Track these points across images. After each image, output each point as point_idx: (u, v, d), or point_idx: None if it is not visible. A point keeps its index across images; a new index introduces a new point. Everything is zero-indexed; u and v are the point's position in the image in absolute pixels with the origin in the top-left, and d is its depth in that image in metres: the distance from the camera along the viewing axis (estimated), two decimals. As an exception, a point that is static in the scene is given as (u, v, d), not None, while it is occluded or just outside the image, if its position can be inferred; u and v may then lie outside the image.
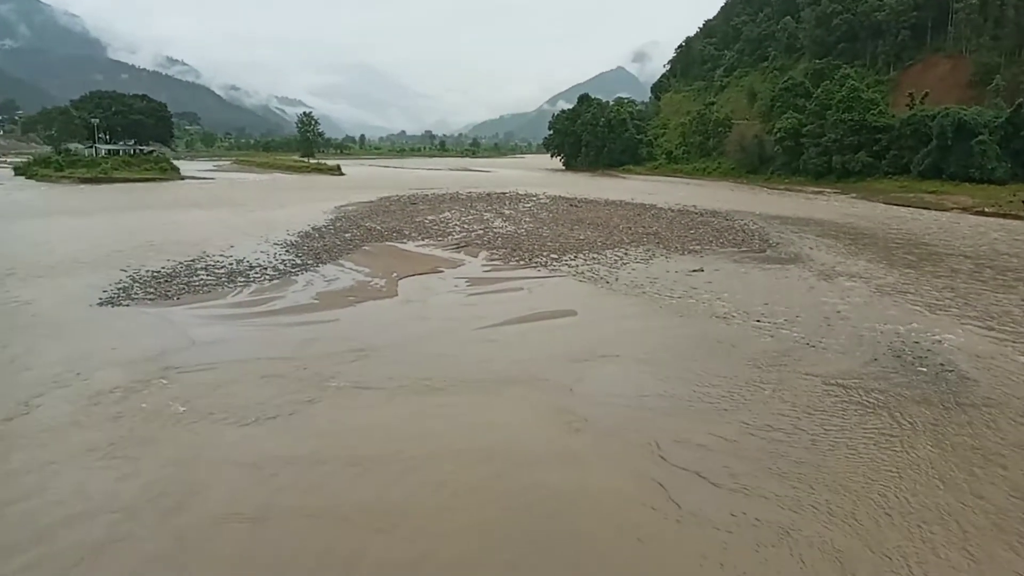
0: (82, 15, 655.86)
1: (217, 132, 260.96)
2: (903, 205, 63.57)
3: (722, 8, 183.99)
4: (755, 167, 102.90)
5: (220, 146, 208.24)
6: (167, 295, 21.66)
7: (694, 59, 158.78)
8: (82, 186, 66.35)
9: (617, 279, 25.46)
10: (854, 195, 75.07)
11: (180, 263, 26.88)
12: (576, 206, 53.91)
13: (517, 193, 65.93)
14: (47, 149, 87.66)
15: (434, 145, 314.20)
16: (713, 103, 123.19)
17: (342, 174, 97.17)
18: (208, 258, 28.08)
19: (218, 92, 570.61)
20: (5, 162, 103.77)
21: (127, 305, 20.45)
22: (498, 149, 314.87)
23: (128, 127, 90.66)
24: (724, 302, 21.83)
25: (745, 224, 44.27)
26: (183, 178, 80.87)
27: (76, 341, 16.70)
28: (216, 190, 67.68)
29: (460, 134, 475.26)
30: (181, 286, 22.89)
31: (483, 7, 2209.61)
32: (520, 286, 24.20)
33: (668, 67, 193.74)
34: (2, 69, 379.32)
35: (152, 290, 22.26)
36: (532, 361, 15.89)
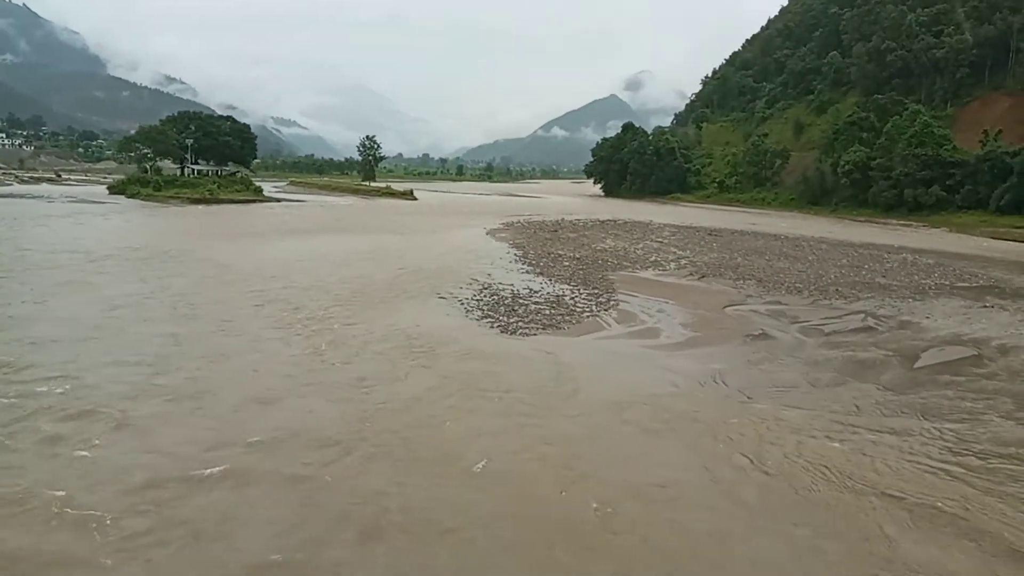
0: (82, 32, 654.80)
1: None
2: (1010, 240, 64.65)
3: (749, 41, 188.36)
4: (816, 198, 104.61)
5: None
6: (547, 324, 21.50)
7: (730, 90, 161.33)
8: (195, 207, 65.76)
9: (928, 317, 25.73)
10: (944, 228, 76.43)
11: (482, 290, 26.78)
12: (716, 235, 54.59)
13: (629, 220, 66.48)
14: (132, 168, 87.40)
15: (445, 169, 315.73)
16: (767, 134, 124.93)
17: (415, 199, 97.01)
18: (497, 287, 27.87)
19: (216, 111, 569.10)
20: (70, 180, 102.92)
21: (533, 334, 20.31)
22: (511, 174, 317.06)
23: (215, 148, 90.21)
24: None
25: (914, 259, 44.85)
26: (278, 200, 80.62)
27: (576, 374, 16.44)
28: (332, 214, 66.92)
29: (457, 158, 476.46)
30: (535, 315, 22.74)
31: (477, 33, 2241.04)
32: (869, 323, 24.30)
33: (692, 97, 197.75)
34: (4, 83, 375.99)
35: (514, 319, 22.07)
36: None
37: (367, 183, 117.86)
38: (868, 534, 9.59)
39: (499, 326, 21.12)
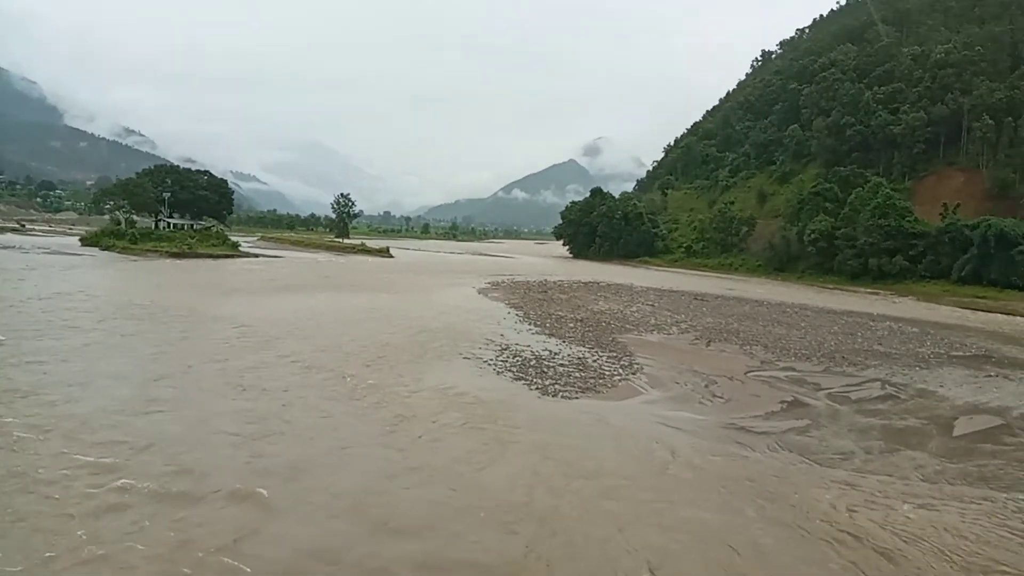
0: (39, 82, 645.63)
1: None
2: (976, 309, 66.94)
3: (710, 112, 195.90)
4: (783, 265, 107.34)
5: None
6: (583, 388, 21.38)
7: (694, 159, 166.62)
8: (174, 260, 64.48)
9: (943, 386, 26.38)
10: (911, 297, 78.80)
11: (502, 351, 26.64)
12: (702, 300, 55.36)
13: (612, 283, 67.25)
14: (96, 219, 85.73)
15: (409, 227, 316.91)
16: (732, 202, 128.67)
17: (392, 256, 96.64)
18: (516, 348, 27.74)
19: (176, 164, 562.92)
20: (34, 230, 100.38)
21: (575, 398, 20.17)
22: (475, 234, 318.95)
23: (191, 202, 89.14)
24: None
25: (900, 328, 45.96)
26: (255, 256, 79.40)
27: (652, 447, 16.29)
28: (314, 271, 65.63)
29: (419, 216, 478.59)
30: (567, 377, 22.65)
31: (439, 95, 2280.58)
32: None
33: (655, 165, 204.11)
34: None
35: (548, 381, 21.94)
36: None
37: (340, 239, 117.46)
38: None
39: (537, 388, 21.02)
